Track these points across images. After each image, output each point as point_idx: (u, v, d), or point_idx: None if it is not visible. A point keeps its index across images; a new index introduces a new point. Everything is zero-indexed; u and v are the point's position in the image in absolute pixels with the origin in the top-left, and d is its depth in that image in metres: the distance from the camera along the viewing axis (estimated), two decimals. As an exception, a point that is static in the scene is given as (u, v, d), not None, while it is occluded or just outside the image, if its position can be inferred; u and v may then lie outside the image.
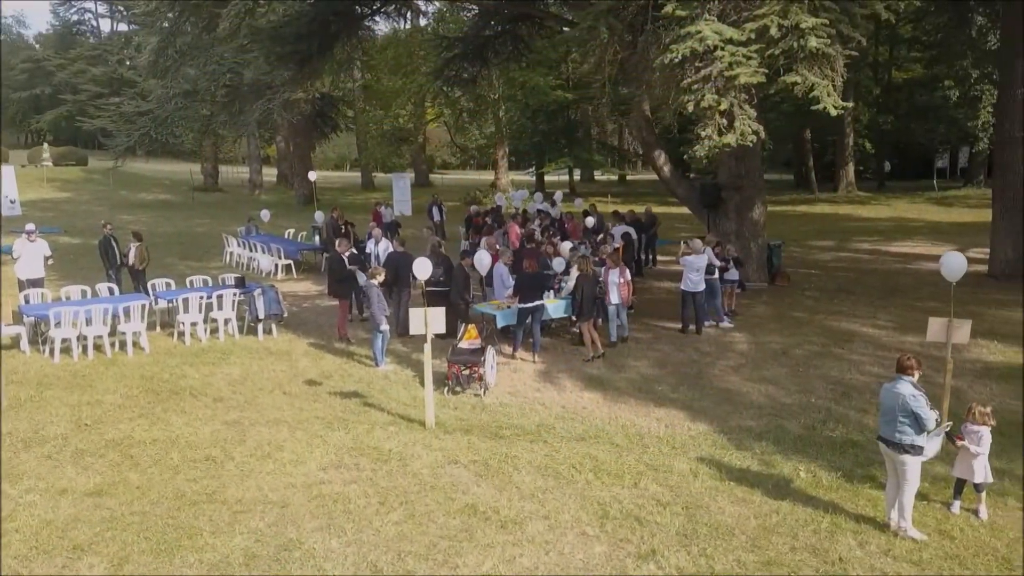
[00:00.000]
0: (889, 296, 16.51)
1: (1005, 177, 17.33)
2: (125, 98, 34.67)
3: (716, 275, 14.00)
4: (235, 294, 14.02)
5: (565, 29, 24.27)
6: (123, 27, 74.55)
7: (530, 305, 12.30)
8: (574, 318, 12.89)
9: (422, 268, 9.64)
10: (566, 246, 14.48)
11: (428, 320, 9.30)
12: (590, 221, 19.16)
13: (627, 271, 13.30)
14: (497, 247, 14.52)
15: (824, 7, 9.82)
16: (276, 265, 19.70)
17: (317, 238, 22.10)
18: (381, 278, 12.24)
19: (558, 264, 14.04)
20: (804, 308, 15.53)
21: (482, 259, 13.23)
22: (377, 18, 23.31)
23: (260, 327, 13.79)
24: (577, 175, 50.32)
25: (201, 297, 13.79)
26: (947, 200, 36.58)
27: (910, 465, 6.59)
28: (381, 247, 16.37)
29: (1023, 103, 16.72)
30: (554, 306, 13.21)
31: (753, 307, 15.58)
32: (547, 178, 46.01)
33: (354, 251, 14.87)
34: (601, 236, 18.26)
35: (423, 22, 42.42)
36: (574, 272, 12.71)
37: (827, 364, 11.91)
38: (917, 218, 31.01)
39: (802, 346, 12.87)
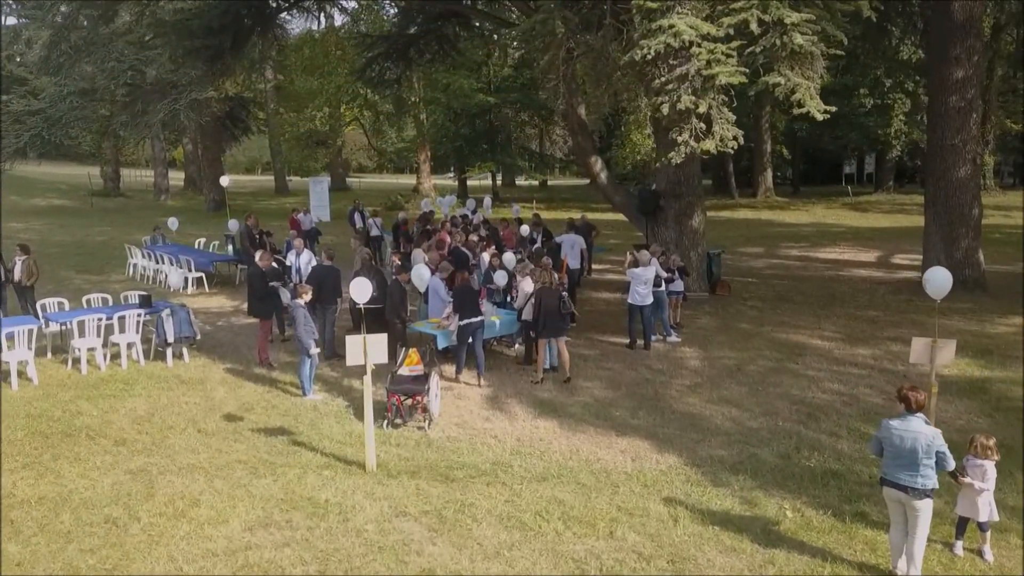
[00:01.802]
0: (828, 305, 16.29)
1: (937, 184, 17.36)
2: (14, 96, 32.19)
3: (663, 287, 13.37)
4: (140, 314, 12.50)
5: (488, 27, 23.52)
6: (11, 20, 69.76)
7: (473, 320, 11.30)
8: (532, 334, 11.84)
9: (361, 290, 8.51)
10: (509, 257, 13.53)
11: (368, 348, 8.20)
12: (524, 229, 18.29)
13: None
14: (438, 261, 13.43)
15: (806, 2, 9.15)
16: (186, 279, 18.05)
17: (231, 248, 20.51)
18: (308, 297, 11.05)
19: (500, 277, 13.09)
20: (748, 319, 15.10)
21: (421, 273, 12.14)
22: (292, 14, 22.12)
23: (169, 352, 12.33)
24: (500, 180, 49.63)
25: (100, 319, 12.22)
26: (861, 205, 37.48)
27: (927, 510, 5.93)
28: (303, 259, 15.04)
29: (954, 111, 16.79)
30: (499, 323, 12.27)
31: (697, 319, 15.06)
32: (469, 183, 45.09)
33: (274, 265, 13.53)
34: (537, 245, 17.48)
35: (339, 21, 40.93)
36: (527, 283, 11.76)
37: (785, 381, 11.38)
38: (837, 223, 31.53)
39: (755, 361, 12.34)
